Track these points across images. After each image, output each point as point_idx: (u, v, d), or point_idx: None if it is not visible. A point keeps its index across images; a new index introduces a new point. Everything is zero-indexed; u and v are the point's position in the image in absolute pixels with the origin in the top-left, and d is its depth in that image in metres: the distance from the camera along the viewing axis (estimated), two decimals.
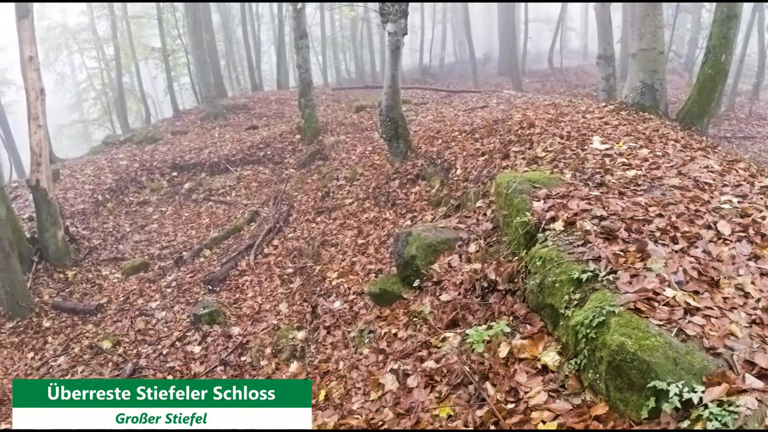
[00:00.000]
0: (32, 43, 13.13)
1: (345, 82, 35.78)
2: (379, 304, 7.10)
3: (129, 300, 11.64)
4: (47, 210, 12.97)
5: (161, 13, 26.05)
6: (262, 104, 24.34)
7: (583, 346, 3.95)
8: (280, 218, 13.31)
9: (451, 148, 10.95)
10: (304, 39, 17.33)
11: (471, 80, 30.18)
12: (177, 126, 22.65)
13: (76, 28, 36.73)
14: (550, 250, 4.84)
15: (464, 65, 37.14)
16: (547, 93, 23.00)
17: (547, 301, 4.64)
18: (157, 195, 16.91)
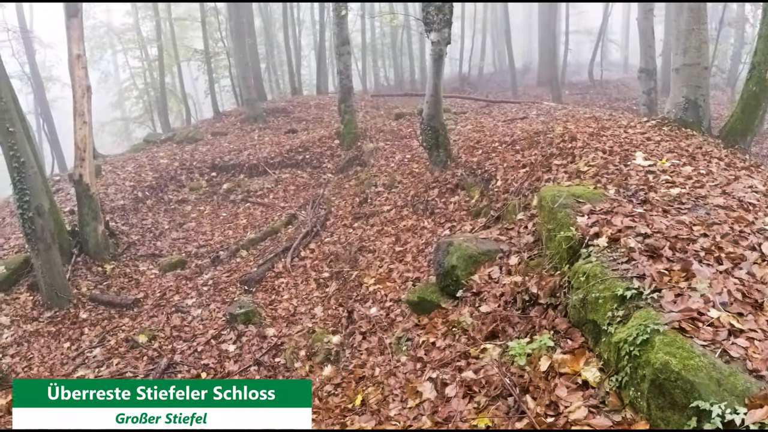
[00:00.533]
0: (80, 42, 13.40)
1: (384, 89, 35.87)
2: (417, 312, 7.12)
3: (165, 296, 11.81)
4: (89, 204, 13.22)
5: (204, 16, 26.38)
6: (302, 108, 24.48)
7: (625, 363, 3.94)
8: (317, 222, 13.38)
9: (491, 159, 10.93)
10: (345, 45, 17.45)
11: (510, 90, 30.04)
12: (217, 127, 22.89)
13: (120, 28, 37.38)
14: (594, 266, 4.83)
15: (503, 75, 37.01)
16: (587, 105, 22.82)
17: (590, 316, 4.63)
18: (195, 194, 17.11)
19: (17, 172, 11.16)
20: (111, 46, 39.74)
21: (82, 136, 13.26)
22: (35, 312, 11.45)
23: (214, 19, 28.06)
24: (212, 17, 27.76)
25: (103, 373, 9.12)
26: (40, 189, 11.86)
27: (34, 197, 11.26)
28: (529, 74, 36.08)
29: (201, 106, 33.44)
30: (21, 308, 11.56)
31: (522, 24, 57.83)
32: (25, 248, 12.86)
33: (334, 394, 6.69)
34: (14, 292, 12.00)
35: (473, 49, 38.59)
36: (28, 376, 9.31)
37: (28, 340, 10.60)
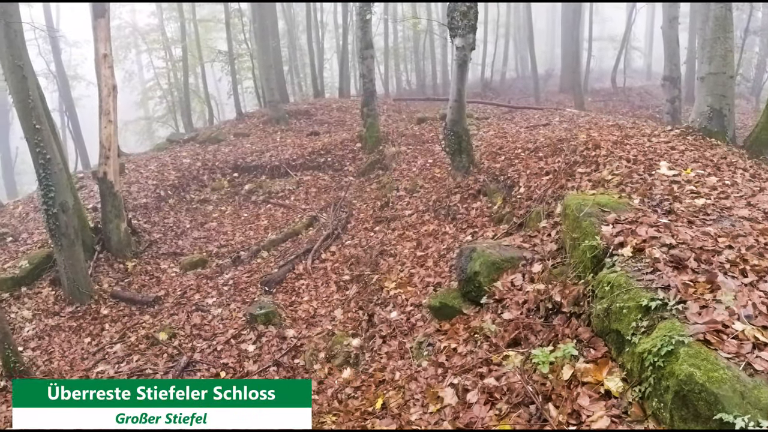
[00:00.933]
0: (107, 42, 13.54)
1: (405, 93, 35.88)
2: (438, 317, 7.12)
3: (186, 294, 11.90)
4: (112, 202, 13.36)
5: (229, 18, 26.54)
6: (324, 111, 24.57)
7: (648, 373, 3.94)
8: (338, 225, 13.43)
9: (514, 165, 10.92)
10: (369, 49, 17.49)
11: (532, 96, 29.93)
12: (240, 128, 23.00)
13: (145, 29, 37.70)
14: (619, 275, 4.82)
15: (525, 81, 36.86)
16: (609, 113, 22.71)
17: (613, 326, 4.62)
18: (217, 194, 17.23)
19: (43, 169, 11.30)
20: (135, 46, 40.10)
21: (107, 135, 13.40)
22: (57, 306, 11.59)
23: (238, 21, 28.22)
24: (236, 19, 27.92)
25: (123, 369, 9.22)
26: (65, 186, 12.00)
27: (58, 194, 11.39)
28: (552, 80, 35.87)
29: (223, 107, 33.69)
30: (43, 302, 11.70)
31: (545, 30, 57.72)
32: (48, 243, 13.02)
33: (353, 397, 6.72)
34: (36, 287, 12.13)
35: (496, 55, 38.50)
36: (49, 369, 9.43)
37: (49, 334, 10.73)
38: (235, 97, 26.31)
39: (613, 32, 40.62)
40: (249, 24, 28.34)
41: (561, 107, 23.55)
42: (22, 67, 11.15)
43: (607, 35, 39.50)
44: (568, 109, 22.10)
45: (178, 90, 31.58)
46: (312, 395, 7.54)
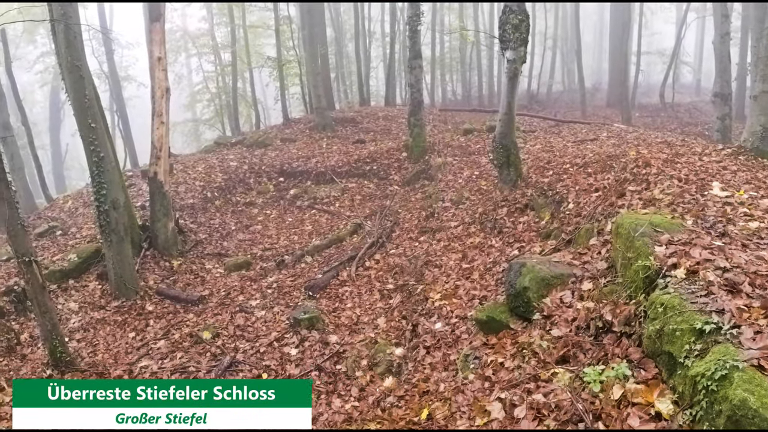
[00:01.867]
0: (162, 45, 13.86)
1: (450, 104, 35.88)
2: (484, 331, 7.12)
3: (230, 295, 12.06)
4: (161, 201, 13.65)
5: (278, 25, 26.85)
6: (370, 119, 24.69)
7: (701, 397, 3.92)
8: (383, 233, 13.48)
9: (563, 181, 10.85)
10: (418, 59, 17.59)
11: (579, 110, 29.63)
12: (286, 133, 23.25)
13: (196, 33, 38.29)
14: (672, 297, 4.78)
15: (572, 94, 36.60)
16: (657, 129, 22.41)
17: (665, 348, 4.59)
18: (263, 198, 17.43)
19: (96, 167, 11.59)
20: (185, 49, 40.73)
21: (159, 136, 13.69)
22: (103, 300, 11.89)
23: (287, 27, 28.52)
24: (285, 26, 28.23)
25: (166, 365, 9.36)
26: (117, 183, 12.30)
27: (110, 191, 11.67)
28: (599, 94, 35.53)
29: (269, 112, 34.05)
30: (89, 296, 12.01)
31: (592, 43, 57.23)
32: (96, 239, 13.35)
33: (397, 406, 6.75)
34: (84, 280, 12.47)
35: (543, 67, 38.35)
36: (93, 361, 9.63)
37: (94, 327, 11.00)
38: (282, 103, 26.58)
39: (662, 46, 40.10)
40: (298, 31, 28.64)
41: (608, 122, 23.33)
42: (79, 67, 11.46)
43: (655, 49, 38.98)
44: (615, 124, 21.89)
45: (226, 94, 32.03)
46: (353, 402, 7.61)
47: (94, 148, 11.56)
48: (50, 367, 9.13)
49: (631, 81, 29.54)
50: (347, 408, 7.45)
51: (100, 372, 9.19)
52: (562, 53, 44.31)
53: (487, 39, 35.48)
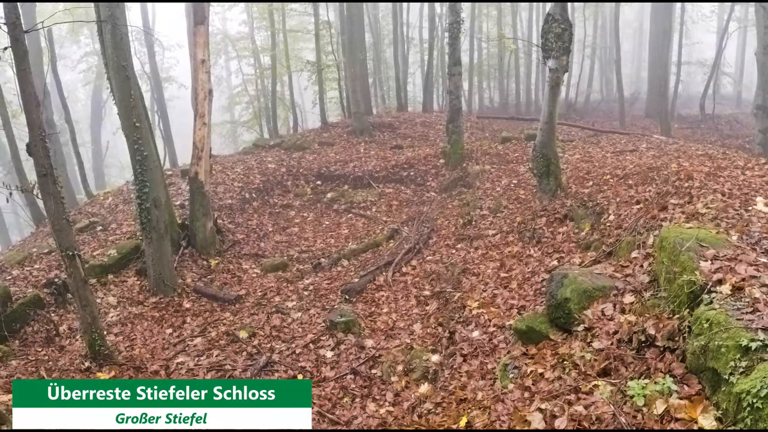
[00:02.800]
0: (205, 48, 14.07)
1: (487, 111, 35.75)
2: (523, 341, 7.10)
3: (266, 296, 12.18)
4: (201, 201, 13.84)
5: (318, 30, 27.05)
6: (408, 125, 24.73)
7: (745, 414, 3.92)
8: (420, 239, 13.52)
9: (603, 192, 10.80)
10: (457, 66, 17.62)
11: (617, 120, 29.27)
12: (324, 137, 23.39)
13: (236, 37, 38.77)
14: (718, 313, 4.76)
15: (610, 104, 36.28)
16: (697, 141, 22.14)
17: (710, 364, 4.57)
18: (300, 200, 17.58)
19: (140, 165, 11.81)
20: (225, 52, 41.25)
21: (201, 137, 13.87)
22: (141, 296, 12.10)
23: (326, 32, 28.70)
24: (325, 30, 28.42)
25: (202, 362, 9.48)
26: (159, 182, 12.51)
27: (152, 189, 11.89)
28: (637, 104, 35.09)
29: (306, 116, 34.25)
30: (128, 291, 12.22)
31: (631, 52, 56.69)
32: (136, 235, 13.60)
33: (434, 413, 6.79)
34: (123, 275, 12.71)
35: (581, 76, 38.04)
36: (130, 355, 9.78)
37: (132, 322, 11.18)
38: (321, 107, 26.74)
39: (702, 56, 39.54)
40: (337, 36, 28.80)
41: (647, 133, 23.10)
42: (125, 67, 11.71)
43: (695, 59, 38.47)
44: (654, 135, 21.68)
45: (264, 97, 32.32)
46: (388, 406, 7.65)
47: (138, 147, 11.79)
48: (88, 359, 9.29)
49: (671, 91, 29.13)
50: (382, 412, 7.50)
51: (137, 366, 9.34)
52: (601, 62, 43.93)
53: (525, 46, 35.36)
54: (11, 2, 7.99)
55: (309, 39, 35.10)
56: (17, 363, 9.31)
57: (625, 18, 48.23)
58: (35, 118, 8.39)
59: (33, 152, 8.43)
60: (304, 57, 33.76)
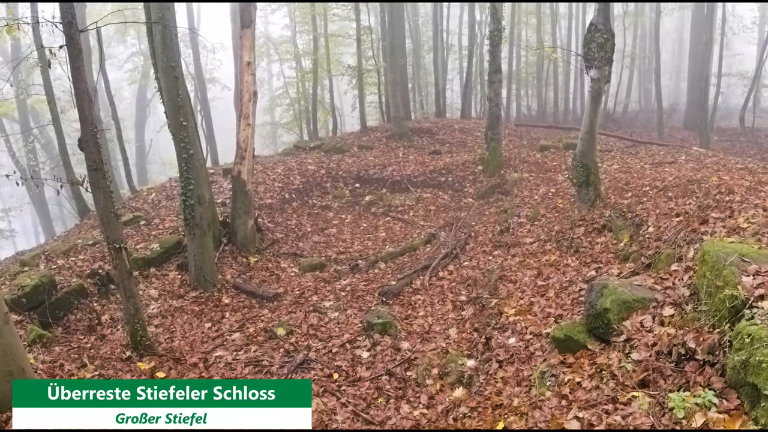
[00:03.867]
0: (251, 50, 14.34)
1: (524, 119, 35.65)
2: (560, 349, 7.14)
3: (304, 295, 12.36)
4: (242, 199, 14.11)
5: (359, 35, 27.25)
6: (446, 131, 24.78)
7: None
8: (457, 245, 13.58)
9: (642, 203, 10.77)
10: (497, 73, 17.70)
11: (655, 131, 29.01)
12: (363, 141, 23.56)
13: (278, 40, 39.18)
14: (760, 328, 4.78)
15: (648, 114, 35.95)
16: (736, 154, 21.93)
17: (750, 379, 4.59)
18: (338, 202, 17.76)
19: (186, 163, 12.08)
20: (267, 55, 41.74)
21: (245, 137, 14.14)
22: (181, 290, 12.39)
23: (367, 37, 28.89)
24: (366, 35, 28.61)
25: (240, 357, 9.67)
26: (203, 180, 12.81)
27: (197, 187, 12.16)
28: (675, 115, 34.74)
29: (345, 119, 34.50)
30: (169, 284, 12.52)
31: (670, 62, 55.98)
32: (178, 231, 13.91)
33: (469, 417, 6.86)
34: (164, 269, 13.03)
35: (619, 86, 37.74)
36: (170, 347, 10.02)
37: (172, 315, 11.47)
38: (360, 111, 26.93)
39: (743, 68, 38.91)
40: (377, 41, 28.98)
41: (686, 145, 22.94)
42: (174, 68, 12.01)
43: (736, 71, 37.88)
44: (693, 147, 21.51)
45: (305, 99, 32.58)
46: (422, 408, 7.74)
47: (184, 146, 12.06)
48: (129, 348, 9.56)
49: (711, 103, 28.76)
50: (415, 414, 7.57)
51: (176, 358, 9.57)
52: (640, 72, 43.52)
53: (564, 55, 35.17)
54: (68, 2, 8.27)
55: (349, 44, 35.43)
56: (60, 349, 9.60)
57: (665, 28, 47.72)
58: (88, 114, 8.66)
59: (84, 147, 8.69)
60: (344, 61, 34.00)
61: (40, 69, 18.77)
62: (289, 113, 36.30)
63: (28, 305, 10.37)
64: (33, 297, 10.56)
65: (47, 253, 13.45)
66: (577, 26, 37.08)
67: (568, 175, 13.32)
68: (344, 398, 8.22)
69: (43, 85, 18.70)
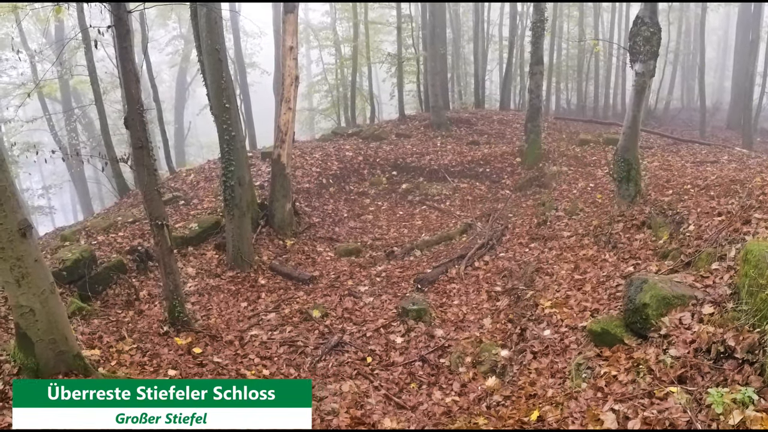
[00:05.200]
0: (294, 35, 14.44)
1: (563, 112, 35.33)
2: (596, 343, 7.15)
3: (339, 279, 12.52)
4: (281, 183, 14.27)
5: (400, 23, 27.21)
6: (485, 122, 24.68)
7: None
8: (493, 236, 13.60)
9: (683, 201, 10.71)
10: (539, 65, 17.60)
11: (697, 130, 28.51)
12: (401, 129, 23.55)
13: (318, 27, 39.24)
14: None
15: (690, 113, 35.34)
16: None
17: None
18: (375, 189, 17.84)
19: (227, 144, 12.27)
20: (307, 41, 41.81)
21: (286, 121, 14.26)
22: (219, 269, 12.60)
23: (408, 25, 28.83)
24: (406, 24, 28.56)
25: (275, 336, 9.87)
26: (244, 162, 12.99)
27: (238, 168, 12.35)
28: (718, 114, 34.09)
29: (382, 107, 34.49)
30: (206, 263, 12.74)
31: (714, 60, 54.92)
32: (216, 211, 14.13)
33: (503, 405, 6.91)
34: (202, 248, 13.27)
35: (662, 82, 37.17)
36: (207, 324, 10.23)
37: (209, 293, 11.68)
38: (399, 99, 26.92)
39: None
40: (418, 30, 28.92)
41: (728, 145, 22.59)
42: (218, 50, 12.18)
43: None
44: (736, 147, 21.20)
45: (343, 86, 32.65)
46: (454, 396, 7.81)
47: (226, 127, 12.24)
48: (167, 324, 9.78)
49: (755, 103, 28.18)
50: (447, 401, 7.64)
51: (212, 335, 9.78)
52: (683, 68, 42.82)
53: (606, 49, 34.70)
54: None
55: (389, 32, 35.34)
56: (99, 322, 9.83)
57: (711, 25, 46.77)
58: (134, 93, 8.85)
59: (130, 125, 8.89)
60: (383, 49, 33.97)
61: (84, 50, 19.06)
62: (327, 99, 36.39)
63: (69, 278, 10.63)
64: (74, 271, 10.83)
65: (87, 229, 13.75)
66: (620, 20, 36.51)
67: (608, 170, 13.25)
68: (377, 382, 8.35)
69: (87, 65, 19.05)
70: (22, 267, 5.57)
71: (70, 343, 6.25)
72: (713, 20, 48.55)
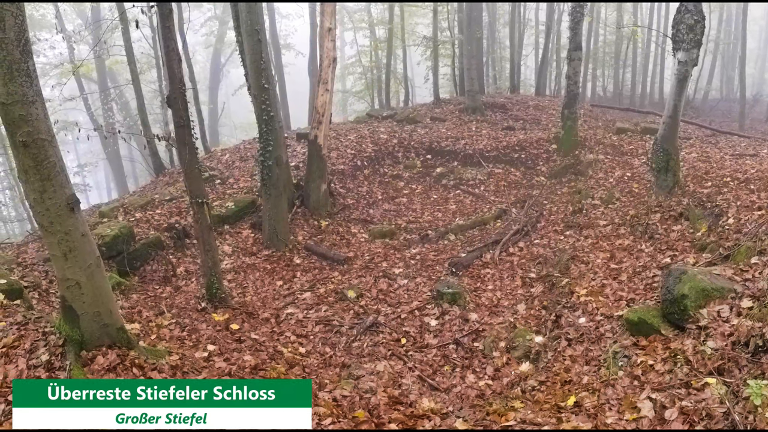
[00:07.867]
0: (332, 17, 14.48)
1: (599, 100, 34.99)
2: (632, 332, 7.19)
3: (374, 260, 12.66)
4: (317, 163, 14.40)
5: (436, 5, 27.09)
6: (520, 107, 24.56)
7: None
8: (528, 222, 13.65)
9: (723, 194, 10.64)
10: (578, 51, 17.45)
11: (735, 122, 28.08)
12: (436, 112, 23.50)
13: (353, 9, 39.19)
14: None
15: (729, 104, 34.81)
16: None
17: None
18: (409, 172, 17.88)
19: (266, 125, 12.42)
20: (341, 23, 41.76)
21: (323, 102, 14.36)
22: (254, 248, 12.83)
23: (444, 8, 28.71)
24: (442, 6, 28.43)
25: (311, 315, 10.04)
26: (281, 142, 13.12)
27: (275, 148, 12.51)
28: (758, 107, 33.46)
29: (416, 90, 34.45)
30: (243, 242, 12.96)
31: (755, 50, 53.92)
32: (252, 191, 14.32)
33: (539, 390, 6.98)
34: (238, 227, 13.52)
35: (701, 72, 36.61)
36: (243, 302, 10.43)
37: (245, 271, 11.91)
38: (434, 82, 26.84)
39: None
40: (454, 13, 28.77)
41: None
42: (258, 31, 12.30)
43: None
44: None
45: (377, 69, 32.65)
46: (487, 380, 7.90)
47: (265, 107, 12.39)
48: (204, 300, 9.96)
49: None
50: (480, 385, 7.73)
51: (249, 312, 9.96)
52: (723, 58, 42.13)
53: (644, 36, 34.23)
54: None
55: (423, 14, 35.19)
56: (137, 297, 10.10)
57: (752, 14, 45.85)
58: (177, 72, 9.01)
59: (172, 104, 9.06)
60: (418, 32, 33.86)
61: (121, 30, 19.32)
62: (360, 82, 36.41)
63: (108, 254, 10.84)
64: (112, 246, 11.13)
65: (125, 206, 14.02)
66: (659, 7, 36.00)
67: (645, 159, 13.16)
68: (411, 363, 8.48)
69: (124, 46, 19.35)
70: (69, 241, 5.68)
71: (114, 317, 6.39)
72: (755, 10, 47.65)
